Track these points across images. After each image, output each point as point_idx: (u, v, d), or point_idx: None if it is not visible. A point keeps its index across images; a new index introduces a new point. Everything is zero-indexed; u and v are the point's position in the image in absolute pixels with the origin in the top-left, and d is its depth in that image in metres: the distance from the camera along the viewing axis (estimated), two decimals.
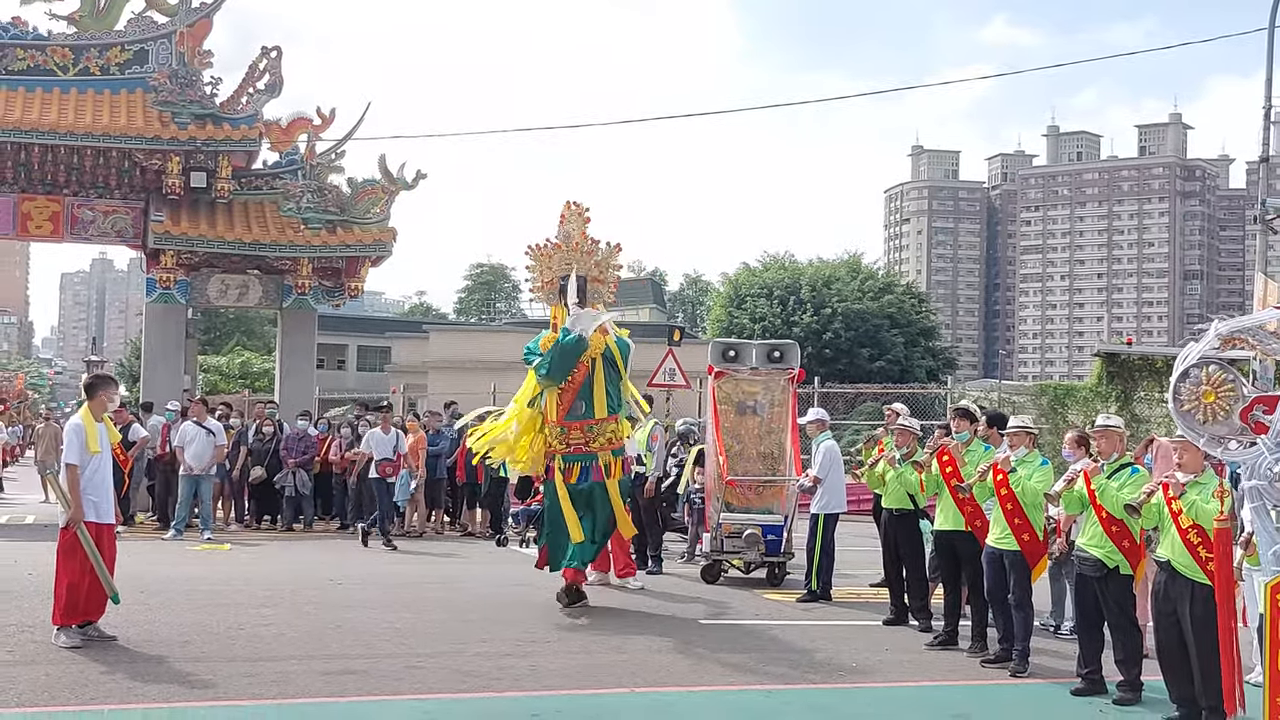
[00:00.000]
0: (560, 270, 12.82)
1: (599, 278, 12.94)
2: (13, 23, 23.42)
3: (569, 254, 12.83)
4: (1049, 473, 10.01)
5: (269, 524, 20.58)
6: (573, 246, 12.88)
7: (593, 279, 12.82)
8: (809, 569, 13.76)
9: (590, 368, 12.43)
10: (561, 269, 12.82)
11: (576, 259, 12.79)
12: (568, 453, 12.41)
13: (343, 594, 13.10)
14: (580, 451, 12.38)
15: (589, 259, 12.87)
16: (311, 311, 24.78)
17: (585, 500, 12.43)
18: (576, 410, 12.39)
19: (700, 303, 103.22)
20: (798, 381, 15.87)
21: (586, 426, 12.41)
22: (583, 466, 12.35)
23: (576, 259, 12.79)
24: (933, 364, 60.64)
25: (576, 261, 12.76)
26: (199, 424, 19.06)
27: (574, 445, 12.39)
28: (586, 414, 12.39)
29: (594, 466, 12.38)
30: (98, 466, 10.16)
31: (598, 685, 9.07)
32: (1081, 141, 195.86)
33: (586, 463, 12.37)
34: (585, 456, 12.38)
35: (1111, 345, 25.87)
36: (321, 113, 24.02)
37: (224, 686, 8.68)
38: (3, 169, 23.12)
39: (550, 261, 12.94)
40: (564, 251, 12.87)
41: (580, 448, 12.38)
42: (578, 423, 12.41)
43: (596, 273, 12.90)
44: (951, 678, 9.87)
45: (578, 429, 12.42)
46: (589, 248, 12.92)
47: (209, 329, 57.73)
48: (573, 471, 12.33)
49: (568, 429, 12.42)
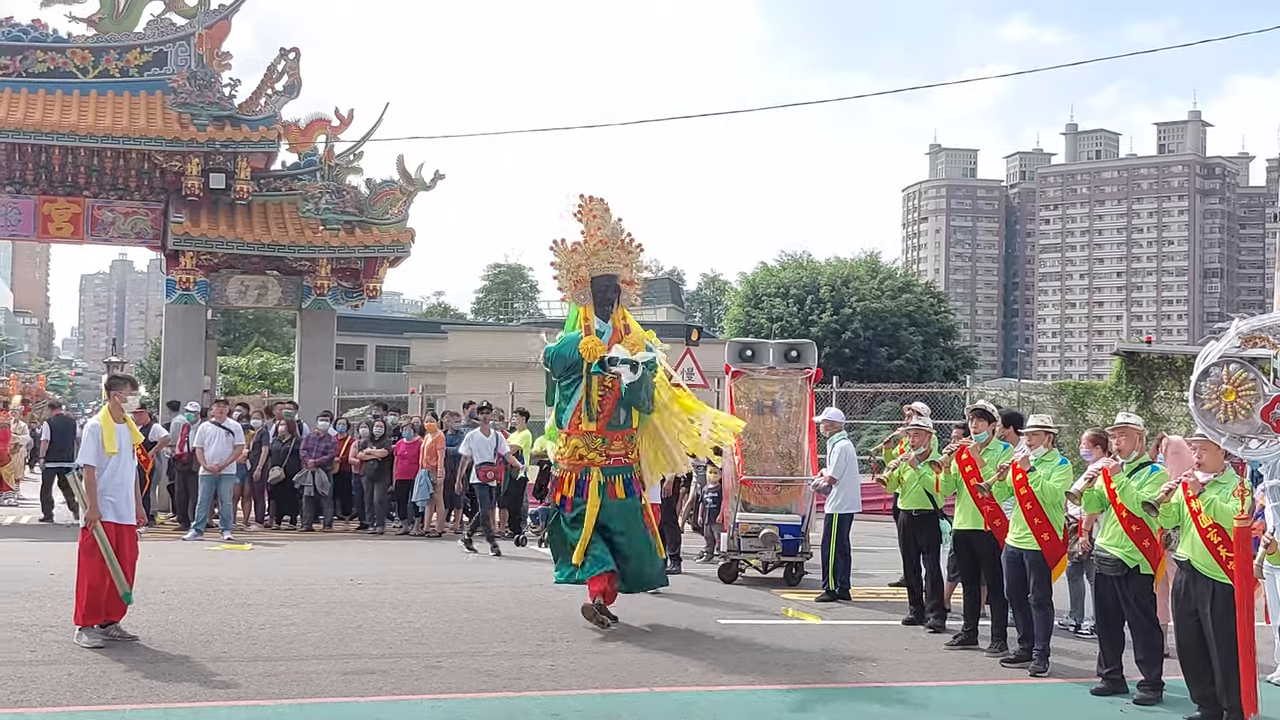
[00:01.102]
0: (601, 267, 11.64)
1: (631, 280, 11.90)
2: (33, 25, 23.54)
3: (613, 252, 11.71)
4: (1068, 472, 9.99)
5: (288, 524, 20.65)
6: (619, 244, 11.76)
7: (625, 281, 11.82)
8: (825, 569, 13.77)
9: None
10: (603, 267, 11.65)
11: (620, 258, 11.76)
12: (609, 465, 11.36)
13: (362, 594, 13.13)
14: (620, 463, 11.39)
15: (631, 259, 11.88)
16: (330, 312, 24.84)
17: (630, 523, 11.42)
18: (617, 419, 11.40)
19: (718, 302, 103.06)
20: (815, 381, 15.86)
21: (628, 437, 11.49)
22: (625, 480, 11.38)
23: (620, 258, 11.76)
24: (951, 363, 60.47)
25: (620, 261, 11.75)
26: (218, 424, 19.14)
27: (614, 457, 11.38)
28: (627, 423, 11.46)
29: (634, 480, 11.52)
30: (117, 467, 10.13)
31: (617, 685, 9.08)
32: (1100, 140, 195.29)
33: (629, 476, 11.44)
34: (627, 470, 11.43)
35: (1131, 344, 25.77)
36: (340, 114, 24.07)
37: (245, 686, 8.72)
38: (24, 171, 23.24)
39: (591, 260, 11.66)
40: (610, 249, 11.69)
41: (620, 459, 11.40)
42: (619, 433, 11.42)
43: (629, 275, 11.87)
44: (971, 677, 9.86)
45: (619, 439, 11.44)
46: (633, 246, 11.86)
47: (228, 330, 57.90)
48: (615, 486, 11.32)
49: (609, 439, 11.38)
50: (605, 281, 11.58)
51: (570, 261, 11.65)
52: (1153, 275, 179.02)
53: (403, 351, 54.58)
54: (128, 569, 10.13)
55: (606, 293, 11.57)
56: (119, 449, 10.15)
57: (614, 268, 11.63)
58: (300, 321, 25.62)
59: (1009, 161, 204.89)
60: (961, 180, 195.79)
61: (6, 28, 23.44)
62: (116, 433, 10.18)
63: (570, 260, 11.65)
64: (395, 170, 23.61)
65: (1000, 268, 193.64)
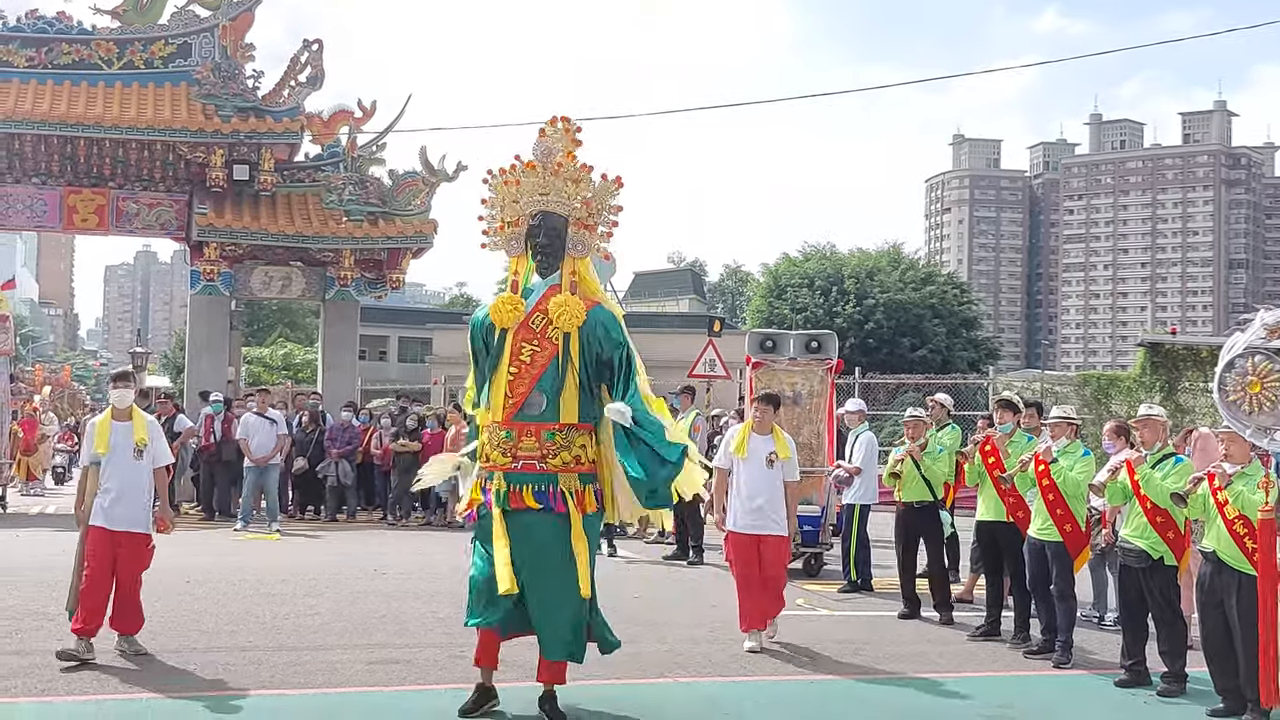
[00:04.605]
0: (532, 204, 8.14)
1: (586, 221, 8.22)
2: (58, 18, 23.70)
3: (546, 180, 8.16)
4: (1091, 463, 9.97)
5: (312, 514, 20.74)
6: (553, 170, 8.16)
7: (577, 221, 8.17)
8: (846, 560, 13.77)
9: (562, 347, 7.88)
10: (534, 202, 8.14)
11: (556, 188, 8.15)
12: (513, 469, 7.80)
13: (386, 584, 13.19)
14: (533, 470, 7.78)
15: (575, 191, 8.16)
16: (354, 303, 24.95)
17: (531, 539, 7.73)
18: (533, 406, 7.86)
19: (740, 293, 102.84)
20: (836, 372, 15.84)
21: (546, 433, 7.81)
22: (536, 491, 7.76)
23: (556, 188, 8.15)
24: (974, 354, 60.21)
25: (556, 192, 8.14)
26: (261, 415, 19.21)
27: (523, 459, 7.79)
28: (548, 414, 7.84)
29: (553, 492, 7.78)
30: (112, 469, 9.33)
31: (640, 675, 9.10)
32: (1124, 130, 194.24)
33: (541, 486, 7.77)
34: (540, 478, 7.77)
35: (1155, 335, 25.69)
36: (363, 105, 24.17)
37: (271, 675, 8.78)
38: (49, 162, 23.37)
39: (518, 191, 8.18)
40: (540, 176, 8.16)
41: (533, 464, 7.78)
42: (533, 425, 7.83)
43: (583, 213, 8.20)
44: (994, 669, 9.85)
45: (532, 434, 7.82)
46: (574, 174, 8.17)
47: (252, 320, 58.07)
48: (522, 497, 7.76)
49: (517, 433, 7.83)
50: (537, 222, 8.10)
51: (503, 194, 8.26)
52: (1177, 266, 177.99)
53: (425, 342, 54.67)
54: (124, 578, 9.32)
55: (538, 237, 8.08)
56: (112, 448, 9.35)
57: (550, 203, 8.12)
58: (324, 312, 25.71)
59: (1032, 152, 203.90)
60: (985, 171, 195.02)
61: (32, 20, 23.63)
62: (111, 431, 9.43)
63: (503, 193, 8.26)
64: (418, 161, 23.65)
65: (1024, 258, 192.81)
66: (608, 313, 8.13)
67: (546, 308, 7.94)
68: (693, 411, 17.07)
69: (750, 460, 10.31)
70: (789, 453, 10.36)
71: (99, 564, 9.15)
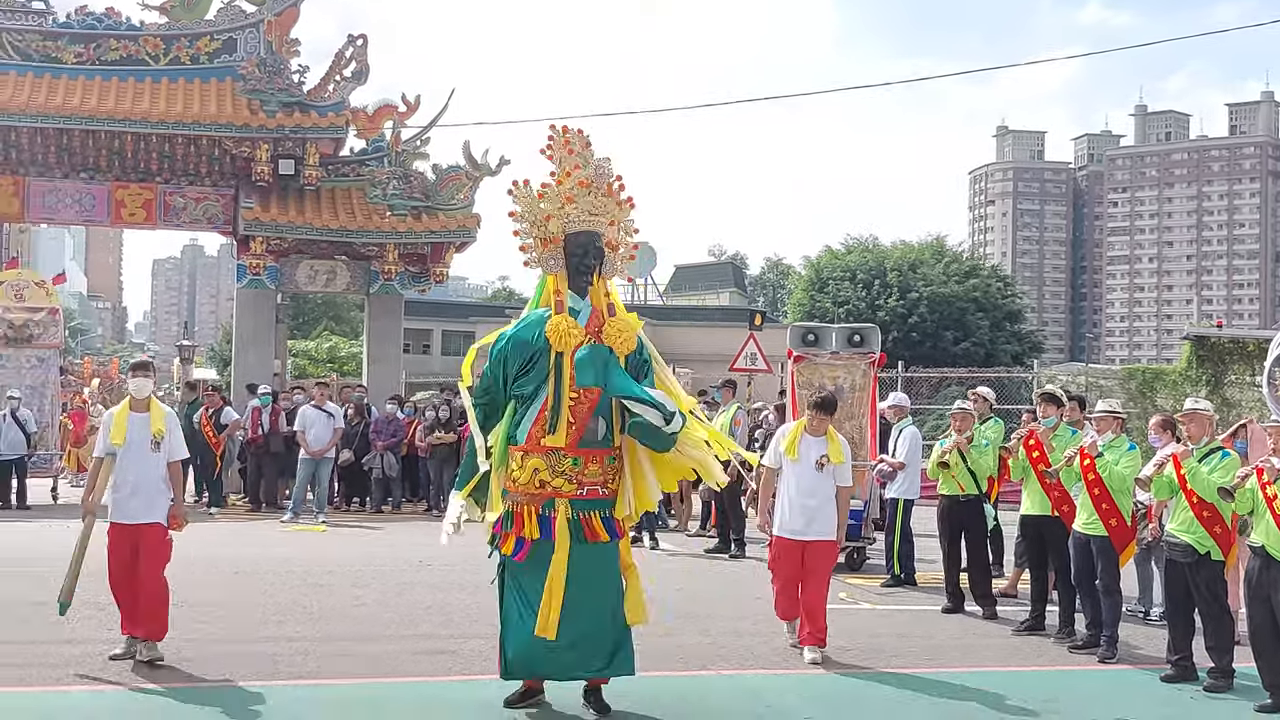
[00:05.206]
0: (580, 222, 8.02)
1: (616, 243, 8.25)
2: (106, 14, 23.96)
3: (599, 200, 8.07)
4: (1136, 457, 9.92)
5: (358, 506, 20.90)
6: (607, 190, 8.11)
7: (609, 243, 8.17)
8: (889, 554, 13.77)
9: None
10: (584, 221, 8.03)
11: (607, 209, 8.12)
12: (579, 495, 7.74)
13: (432, 575, 13.28)
14: (598, 496, 7.78)
15: (622, 214, 8.23)
16: (398, 297, 25.09)
17: (605, 572, 7.80)
18: (594, 433, 7.83)
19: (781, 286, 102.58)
20: (879, 366, 15.80)
21: (608, 458, 7.85)
22: (604, 518, 7.79)
23: (607, 209, 8.12)
24: (1018, 348, 59.93)
25: (607, 213, 8.12)
26: (318, 407, 19.36)
27: (589, 485, 7.76)
28: (606, 439, 7.87)
29: (613, 518, 7.87)
30: (128, 461, 9.04)
31: (683, 668, 9.15)
32: (1170, 121, 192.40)
33: (607, 511, 7.82)
34: (605, 503, 7.82)
35: (1201, 328, 25.47)
36: (406, 100, 24.29)
37: (318, 665, 8.88)
38: (98, 157, 23.64)
39: (565, 208, 8.03)
40: (593, 196, 8.05)
41: (597, 489, 7.79)
42: (597, 451, 7.81)
43: (612, 235, 8.21)
44: (1039, 663, 9.83)
45: (597, 461, 7.80)
46: (623, 197, 8.20)
47: (298, 314, 58.43)
48: (593, 524, 7.74)
49: (584, 460, 7.77)
50: (584, 240, 8.03)
51: (535, 211, 8.12)
52: (1223, 259, 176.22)
53: (468, 336, 54.77)
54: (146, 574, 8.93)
55: (586, 257, 8.02)
56: (128, 440, 9.05)
57: (596, 222, 8.07)
58: (368, 306, 25.88)
59: (1076, 144, 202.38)
60: (1029, 163, 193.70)
61: (81, 16, 23.90)
62: (128, 423, 9.12)
63: (535, 209, 8.12)
64: (461, 156, 23.76)
65: (1068, 251, 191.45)
66: (642, 341, 8.18)
67: (598, 331, 7.89)
68: (734, 405, 17.08)
69: (801, 462, 9.88)
70: (842, 457, 9.96)
71: (120, 561, 8.93)
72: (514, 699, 7.87)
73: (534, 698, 7.91)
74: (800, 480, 9.82)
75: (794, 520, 9.79)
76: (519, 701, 7.86)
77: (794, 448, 9.93)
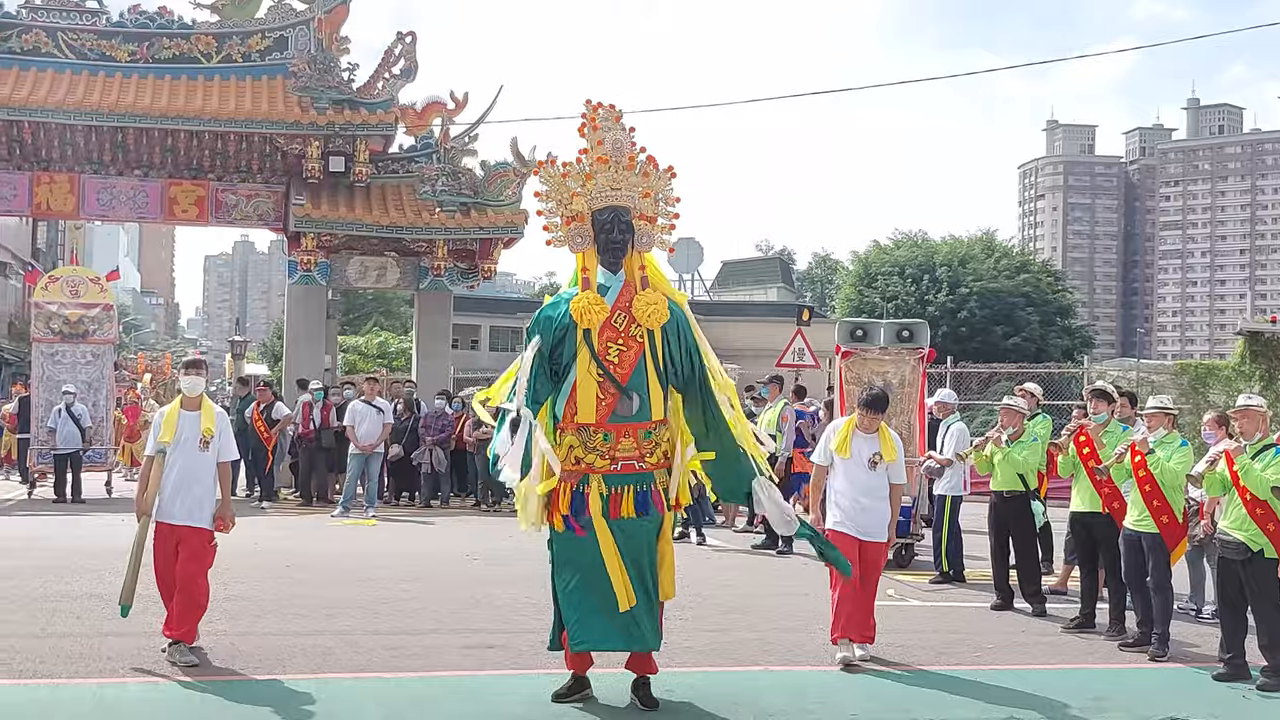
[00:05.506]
0: (603, 198, 8.06)
1: (649, 214, 8.15)
2: (159, 12, 24.28)
3: (619, 174, 8.09)
4: (1188, 454, 9.84)
5: (407, 500, 21.05)
6: (625, 164, 8.10)
7: (641, 215, 8.10)
8: (937, 551, 13.72)
9: (648, 344, 7.92)
10: (606, 197, 8.06)
11: (629, 182, 8.09)
12: (613, 471, 7.80)
13: (481, 569, 13.37)
14: (633, 470, 7.81)
15: (645, 184, 8.14)
16: (447, 293, 25.26)
17: (636, 549, 7.79)
18: (626, 407, 7.84)
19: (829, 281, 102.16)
20: (928, 361, 15.73)
21: (643, 432, 7.86)
22: (638, 492, 7.80)
23: (629, 182, 8.09)
24: (1069, 343, 59.47)
25: (629, 186, 8.08)
26: (369, 403, 19.49)
27: (623, 460, 7.80)
28: (642, 413, 7.86)
29: (652, 491, 7.86)
30: (177, 459, 8.94)
31: (733, 663, 9.16)
32: (1224, 114, 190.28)
33: (642, 486, 7.82)
34: (639, 478, 7.82)
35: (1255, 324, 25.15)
36: (455, 96, 24.42)
37: (368, 659, 8.94)
38: (151, 155, 23.91)
39: (587, 185, 8.11)
40: (613, 171, 8.09)
41: (632, 464, 7.81)
42: (630, 425, 7.83)
43: (647, 207, 8.14)
44: (1090, 660, 9.77)
45: (630, 435, 7.83)
46: (644, 166, 8.15)
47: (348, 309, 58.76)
48: (624, 500, 7.78)
49: (615, 435, 7.81)
50: (609, 216, 8.04)
51: (561, 189, 8.17)
52: (1277, 253, 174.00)
53: (516, 331, 55.05)
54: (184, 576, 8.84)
55: (613, 232, 8.03)
56: (178, 439, 8.94)
57: (618, 196, 8.06)
58: (418, 302, 26.06)
59: (1128, 138, 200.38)
60: (1079, 157, 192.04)
61: (135, 15, 24.21)
62: (179, 421, 9.02)
63: (561, 188, 8.17)
64: (509, 152, 23.82)
65: (1119, 245, 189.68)
66: (682, 312, 8.13)
67: (628, 305, 7.91)
68: (781, 401, 17.06)
69: (853, 460, 9.53)
70: (895, 455, 9.60)
71: (165, 561, 8.89)
72: (562, 692, 7.90)
73: (582, 691, 7.93)
74: (853, 478, 9.52)
75: (848, 519, 9.49)
76: (567, 695, 7.88)
77: (845, 445, 9.61)
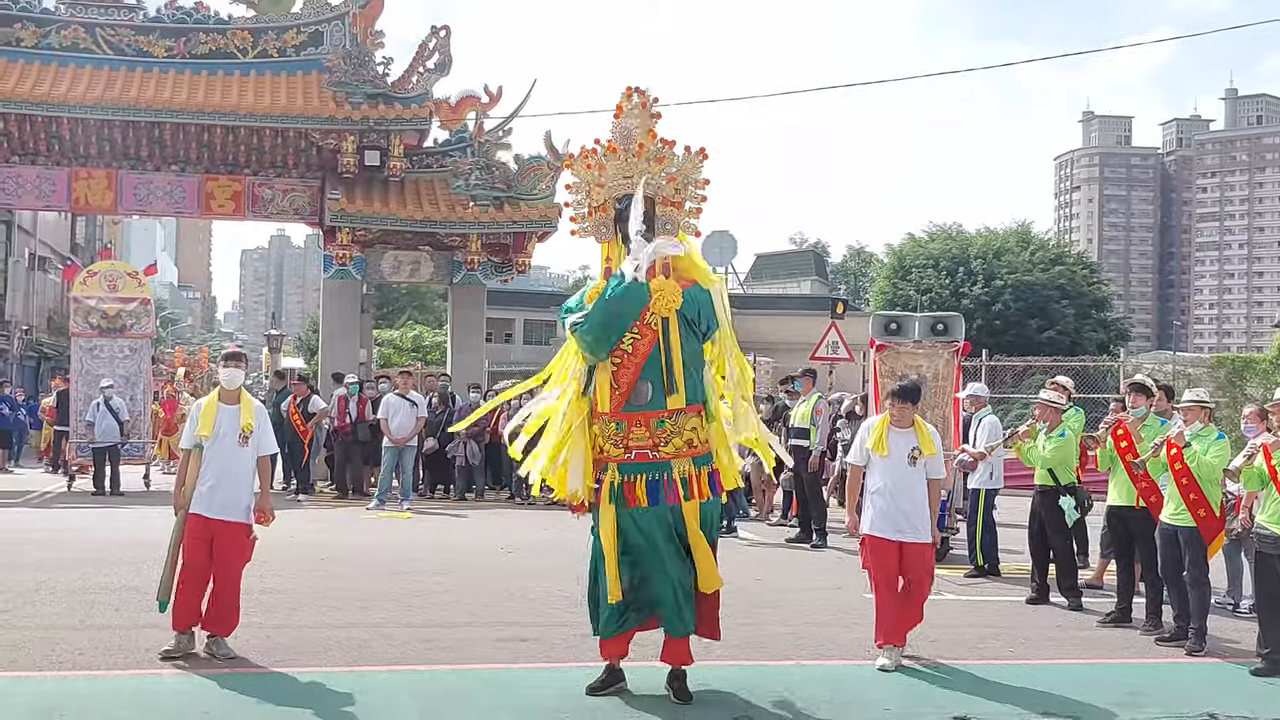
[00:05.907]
0: (617, 188, 8.14)
1: (674, 198, 8.11)
2: (196, 8, 24.44)
3: (628, 162, 8.13)
4: (1225, 447, 9.78)
5: (442, 493, 21.14)
6: (635, 151, 8.12)
7: (664, 200, 8.08)
8: (972, 545, 13.67)
9: (661, 332, 7.83)
10: (619, 186, 8.14)
11: (640, 169, 8.08)
12: (626, 460, 7.84)
13: (515, 562, 13.40)
14: (646, 460, 7.82)
15: (659, 169, 8.09)
16: (480, 287, 25.33)
17: (650, 535, 7.79)
18: (640, 396, 7.85)
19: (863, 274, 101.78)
20: (962, 354, 15.68)
21: (655, 421, 7.83)
22: (650, 481, 7.80)
23: (640, 169, 8.08)
24: (1104, 336, 59.04)
25: (640, 173, 8.06)
26: (402, 396, 19.58)
27: (636, 449, 7.82)
28: (655, 402, 7.84)
29: (666, 480, 7.80)
30: (214, 454, 8.79)
31: (766, 657, 9.17)
32: (1262, 105, 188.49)
33: (655, 475, 7.81)
34: (653, 467, 7.82)
35: None
36: (489, 90, 24.51)
37: (402, 652, 8.98)
38: (188, 150, 24.07)
39: (601, 175, 8.20)
40: (621, 159, 8.15)
41: (645, 453, 7.82)
42: (642, 414, 7.84)
43: (670, 191, 8.09)
44: (1126, 655, 9.72)
45: (642, 424, 7.84)
46: (658, 152, 8.10)
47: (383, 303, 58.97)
48: (635, 489, 7.81)
49: (627, 424, 7.85)
50: (625, 206, 8.03)
51: (587, 180, 8.27)
52: None
53: (550, 325, 55.10)
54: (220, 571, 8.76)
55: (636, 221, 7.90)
56: (215, 433, 8.81)
57: (631, 184, 8.06)
58: (451, 296, 26.15)
59: (1165, 129, 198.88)
60: (1115, 148, 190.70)
61: (171, 11, 24.37)
62: (217, 415, 8.88)
63: (587, 179, 8.27)
64: (543, 146, 23.90)
65: (1155, 237, 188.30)
66: (704, 292, 7.95)
67: None
68: (814, 395, 17.03)
69: (891, 458, 9.10)
70: (934, 448, 9.20)
71: (195, 554, 8.69)
72: (597, 685, 7.91)
73: (617, 684, 7.95)
74: (893, 478, 9.08)
75: (887, 520, 9.07)
76: (601, 688, 7.90)
77: (882, 443, 9.17)
